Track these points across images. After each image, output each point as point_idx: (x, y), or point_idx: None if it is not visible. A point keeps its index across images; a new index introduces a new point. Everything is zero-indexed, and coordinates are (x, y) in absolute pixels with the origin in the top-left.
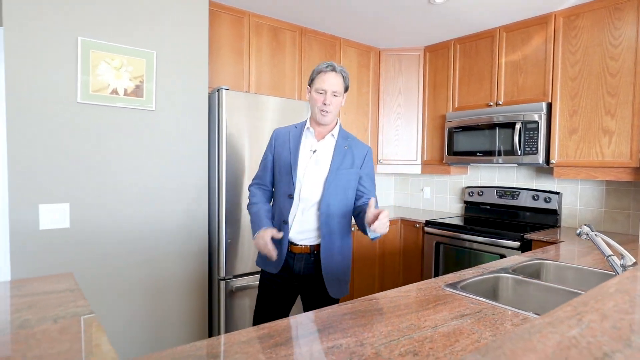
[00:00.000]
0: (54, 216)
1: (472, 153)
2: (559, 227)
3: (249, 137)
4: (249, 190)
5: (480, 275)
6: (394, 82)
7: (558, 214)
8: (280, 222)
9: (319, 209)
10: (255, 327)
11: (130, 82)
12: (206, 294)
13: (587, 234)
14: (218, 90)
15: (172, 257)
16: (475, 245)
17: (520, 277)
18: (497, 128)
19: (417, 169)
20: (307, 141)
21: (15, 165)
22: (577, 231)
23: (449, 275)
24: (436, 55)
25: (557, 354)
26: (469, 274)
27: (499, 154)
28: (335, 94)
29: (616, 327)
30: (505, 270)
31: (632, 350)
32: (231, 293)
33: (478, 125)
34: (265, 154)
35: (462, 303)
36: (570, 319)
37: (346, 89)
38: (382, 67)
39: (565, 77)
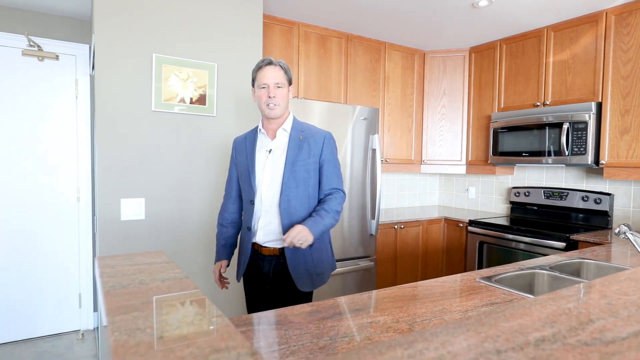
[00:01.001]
0: (132, 209)
1: (517, 153)
2: (610, 229)
3: None
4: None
5: (517, 271)
6: (439, 84)
7: (609, 216)
8: (245, 229)
9: (279, 207)
10: (306, 304)
11: (195, 92)
12: None
13: (625, 233)
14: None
15: (212, 250)
16: (519, 246)
17: (556, 273)
18: (544, 128)
19: (462, 169)
20: (262, 143)
21: (102, 165)
22: (616, 230)
23: (486, 269)
24: (482, 56)
25: (548, 318)
26: (505, 270)
27: (547, 155)
28: (279, 85)
29: (610, 304)
30: (542, 267)
31: (616, 319)
32: None
33: (524, 125)
34: (230, 166)
35: (495, 294)
36: (571, 296)
37: (290, 81)
38: (427, 68)
39: (617, 76)
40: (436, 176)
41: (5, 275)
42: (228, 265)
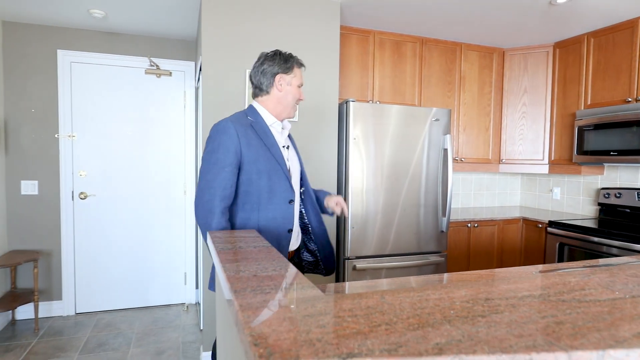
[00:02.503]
0: None
1: (605, 152)
2: None
3: (372, 139)
4: (214, 215)
5: (579, 267)
6: (519, 81)
7: None
8: (285, 231)
9: (302, 206)
10: (365, 281)
11: None
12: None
13: None
14: (346, 102)
15: None
16: (604, 249)
17: None
18: (637, 125)
19: (544, 169)
20: (277, 137)
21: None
22: None
23: (547, 265)
24: (567, 51)
25: (544, 285)
26: (567, 266)
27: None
28: None
29: (613, 281)
30: (607, 266)
31: (606, 289)
32: (354, 271)
33: (614, 122)
34: (220, 158)
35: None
36: (579, 273)
37: None
38: (506, 66)
39: None
40: (517, 176)
41: (129, 255)
42: None
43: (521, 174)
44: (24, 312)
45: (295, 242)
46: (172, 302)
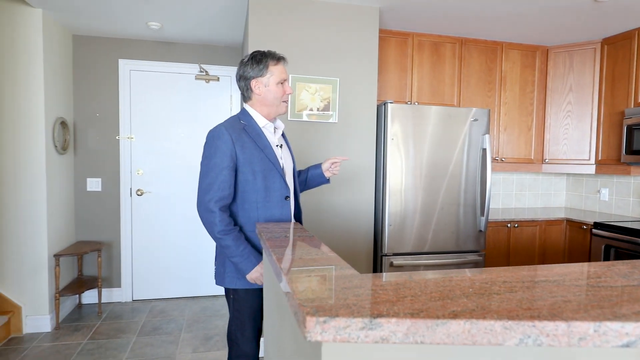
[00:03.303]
0: None
1: None
2: None
3: (410, 140)
4: (211, 211)
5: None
6: (564, 79)
7: None
8: None
9: (295, 200)
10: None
11: (320, 103)
12: (371, 265)
13: None
14: (384, 104)
15: (347, 234)
16: None
17: None
18: None
19: (590, 169)
20: (270, 137)
21: None
22: None
23: (595, 262)
24: (615, 47)
25: (563, 273)
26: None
27: None
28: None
29: (632, 272)
30: None
31: (623, 278)
32: (392, 267)
33: None
34: (217, 162)
35: None
36: (604, 266)
37: None
38: (550, 64)
39: None
40: (562, 177)
41: (180, 248)
42: None
43: (567, 175)
44: (89, 297)
45: None
46: (218, 293)
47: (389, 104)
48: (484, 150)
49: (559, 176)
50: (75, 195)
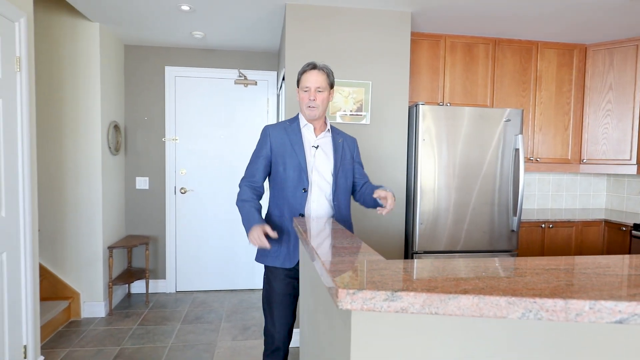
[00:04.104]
0: None
1: None
2: None
3: (442, 140)
4: (240, 187)
5: None
6: (603, 78)
7: None
8: (297, 216)
9: (333, 201)
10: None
11: (353, 105)
12: None
13: None
14: (416, 105)
15: (379, 232)
16: None
17: None
18: None
19: (631, 170)
20: (307, 137)
21: None
22: None
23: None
24: None
25: (574, 262)
26: None
27: None
28: (320, 90)
29: None
30: None
31: (630, 269)
32: None
33: None
34: (257, 152)
35: None
36: (619, 259)
37: (331, 85)
38: (589, 63)
39: None
40: (602, 177)
41: (220, 244)
42: None
43: (607, 175)
44: (137, 287)
45: None
46: (255, 287)
47: (420, 105)
48: (517, 150)
49: (598, 177)
50: (126, 192)
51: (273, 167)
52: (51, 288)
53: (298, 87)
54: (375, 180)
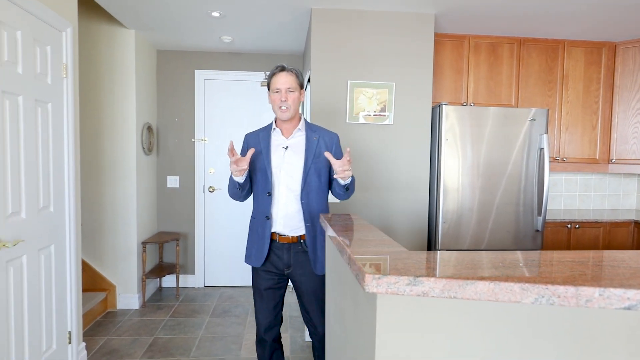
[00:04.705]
0: (332, 195)
1: None
2: None
3: (465, 140)
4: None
5: None
6: (634, 76)
7: None
8: (263, 218)
9: (301, 199)
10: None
11: (377, 106)
12: None
13: None
14: (439, 105)
15: (401, 230)
16: None
17: None
18: None
19: None
20: (276, 140)
21: None
22: None
23: None
24: None
25: (591, 255)
26: None
27: None
28: (291, 90)
29: None
30: None
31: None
32: None
33: None
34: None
35: None
36: (637, 254)
37: (301, 86)
38: (618, 61)
39: None
40: (633, 177)
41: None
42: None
43: (637, 175)
44: (168, 281)
45: (282, 228)
46: None
47: (443, 105)
48: (541, 150)
49: (628, 177)
50: (157, 190)
51: (250, 173)
52: (90, 280)
53: (269, 90)
54: (398, 179)
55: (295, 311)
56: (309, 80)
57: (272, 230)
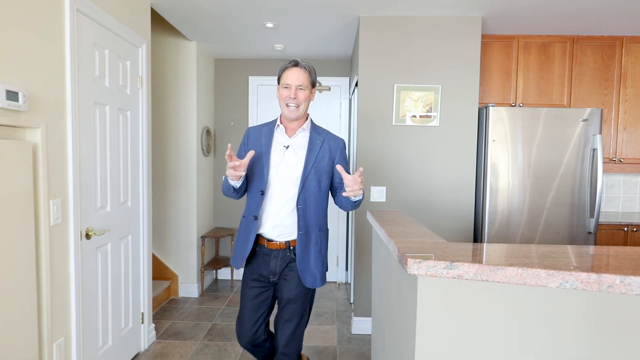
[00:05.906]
0: (377, 194)
1: None
2: None
3: (514, 141)
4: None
5: None
6: None
7: None
8: (251, 218)
9: (296, 204)
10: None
11: (423, 109)
12: None
13: None
14: (486, 107)
15: (444, 229)
16: None
17: None
18: None
19: None
20: (278, 138)
21: (359, 160)
22: None
23: None
24: None
25: (613, 248)
26: None
27: None
28: (301, 88)
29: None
30: None
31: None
32: None
33: None
34: (238, 151)
35: None
36: None
37: (313, 84)
38: None
39: None
40: None
41: None
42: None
43: None
44: (222, 273)
45: (270, 231)
46: (328, 280)
47: (490, 107)
48: (594, 150)
49: None
50: (214, 189)
51: (247, 170)
52: (156, 269)
53: (279, 84)
54: (443, 180)
55: (342, 305)
56: (356, 85)
57: (259, 232)
